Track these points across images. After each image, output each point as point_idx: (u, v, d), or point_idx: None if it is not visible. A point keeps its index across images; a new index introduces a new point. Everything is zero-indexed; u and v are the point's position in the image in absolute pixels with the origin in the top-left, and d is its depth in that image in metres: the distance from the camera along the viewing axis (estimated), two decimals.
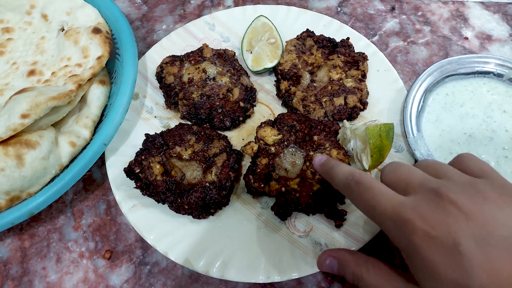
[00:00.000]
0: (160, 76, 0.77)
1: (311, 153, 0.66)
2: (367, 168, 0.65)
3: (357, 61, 0.75)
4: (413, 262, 0.40)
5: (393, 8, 0.76)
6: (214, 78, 0.75)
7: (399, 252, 0.45)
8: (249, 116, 0.76)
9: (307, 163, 0.65)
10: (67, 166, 0.69)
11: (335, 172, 0.51)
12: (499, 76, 0.73)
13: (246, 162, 0.71)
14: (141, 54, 0.83)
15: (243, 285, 0.64)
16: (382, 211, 0.42)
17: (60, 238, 0.70)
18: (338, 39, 0.78)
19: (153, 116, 0.77)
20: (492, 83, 0.73)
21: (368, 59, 0.76)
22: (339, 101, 0.71)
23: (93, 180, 0.74)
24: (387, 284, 0.44)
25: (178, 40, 0.84)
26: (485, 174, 0.43)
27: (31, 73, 0.74)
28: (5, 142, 0.64)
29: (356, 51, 0.77)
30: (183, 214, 0.65)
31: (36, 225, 0.71)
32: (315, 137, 0.67)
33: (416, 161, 0.67)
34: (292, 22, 0.84)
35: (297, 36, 0.79)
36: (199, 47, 0.79)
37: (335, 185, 0.52)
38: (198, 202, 0.63)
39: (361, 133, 0.65)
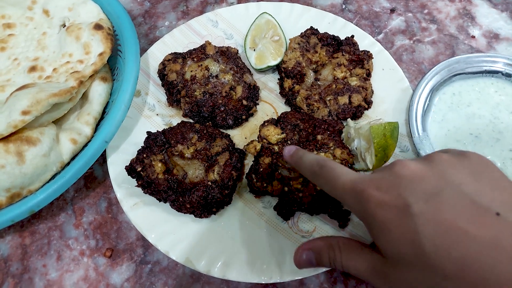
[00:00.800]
0: (162, 73, 0.76)
1: (315, 152, 0.65)
2: (371, 168, 0.64)
3: (362, 60, 0.74)
4: (372, 230, 0.42)
5: (392, 10, 0.75)
6: (217, 76, 0.74)
7: None
8: (252, 115, 0.75)
9: None
10: (68, 163, 0.68)
11: (303, 161, 0.53)
12: (507, 76, 0.72)
13: (249, 161, 0.70)
14: (143, 51, 0.82)
15: (245, 285, 0.63)
16: (342, 186, 0.44)
17: (61, 235, 0.69)
18: (342, 37, 0.77)
19: (155, 114, 0.76)
20: (500, 83, 0.72)
21: (373, 58, 0.75)
22: (344, 100, 0.70)
23: (94, 178, 0.74)
24: (357, 257, 0.45)
25: (180, 37, 0.83)
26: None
27: (32, 69, 0.73)
28: (5, 139, 0.63)
29: (361, 49, 0.76)
30: (184, 213, 0.65)
31: (36, 222, 0.71)
32: (319, 136, 0.66)
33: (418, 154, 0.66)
34: (296, 20, 0.83)
35: (301, 33, 0.78)
36: (201, 44, 0.79)
37: (303, 173, 0.54)
38: (200, 201, 0.62)
39: (365, 132, 0.64)
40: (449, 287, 0.35)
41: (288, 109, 0.76)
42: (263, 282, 0.59)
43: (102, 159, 0.74)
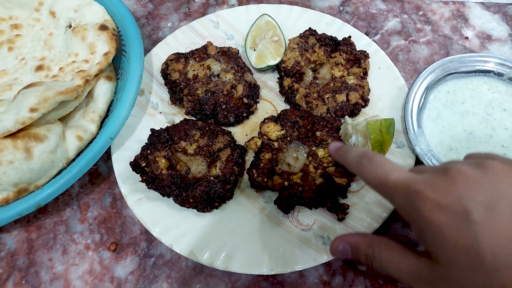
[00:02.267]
0: (165, 72, 0.78)
1: (314, 148, 0.68)
2: None
3: (359, 59, 0.76)
4: (424, 234, 0.40)
5: (345, 39, 0.78)
6: (218, 75, 0.76)
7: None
8: (252, 112, 0.77)
9: (310, 158, 0.67)
10: (74, 159, 0.70)
11: (349, 153, 0.54)
12: (499, 75, 0.74)
13: (250, 157, 0.72)
14: (146, 51, 0.85)
15: (246, 277, 0.65)
16: (393, 185, 0.43)
17: (66, 230, 0.71)
18: (340, 38, 0.80)
19: (158, 112, 0.78)
20: (492, 82, 0.74)
21: (369, 57, 0.77)
22: (341, 97, 0.72)
23: (99, 174, 0.76)
24: (400, 260, 0.44)
25: (183, 38, 0.85)
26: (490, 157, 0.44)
27: (39, 68, 0.75)
28: (14, 135, 0.65)
29: (358, 49, 0.79)
30: (188, 207, 0.67)
31: (43, 217, 0.72)
32: (318, 133, 0.68)
33: (416, 156, 0.69)
34: (295, 21, 0.86)
35: (300, 34, 0.80)
36: (203, 44, 0.81)
37: (348, 165, 0.54)
38: (203, 196, 0.64)
39: (362, 128, 0.66)
40: None
41: (287, 107, 0.78)
42: (264, 274, 0.61)
43: (106, 156, 0.76)
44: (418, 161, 0.68)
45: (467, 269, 0.37)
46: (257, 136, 0.70)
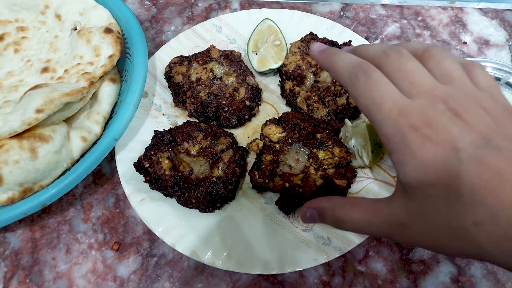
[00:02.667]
0: (168, 75, 0.79)
1: (314, 150, 0.69)
2: (367, 164, 0.67)
3: None
4: (404, 167, 0.38)
5: (345, 43, 0.79)
6: (221, 78, 0.77)
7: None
8: (254, 115, 0.79)
9: (311, 160, 0.68)
10: (78, 160, 0.71)
11: (340, 58, 0.45)
12: (496, 80, 0.76)
13: (251, 159, 0.74)
14: (150, 54, 0.86)
15: (247, 276, 0.66)
16: (387, 113, 0.40)
17: (70, 229, 0.72)
18: (340, 42, 0.81)
19: (161, 114, 0.79)
20: None
21: None
22: (342, 101, 0.74)
23: (103, 174, 0.77)
24: (372, 215, 0.42)
25: (186, 41, 0.86)
26: (489, 89, 0.41)
27: (45, 70, 0.76)
28: (19, 135, 0.66)
29: None
30: (190, 208, 0.68)
31: (46, 217, 0.73)
32: (318, 135, 0.70)
33: None
34: (296, 25, 0.87)
35: (301, 38, 0.82)
36: (206, 48, 0.82)
37: (337, 74, 0.45)
38: (205, 196, 0.65)
39: (361, 130, 0.67)
40: (476, 233, 0.34)
41: (289, 109, 0.79)
42: (265, 274, 0.62)
43: (110, 157, 0.77)
44: None
45: (443, 205, 0.36)
46: (259, 138, 0.71)
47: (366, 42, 0.83)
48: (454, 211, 0.36)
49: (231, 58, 0.80)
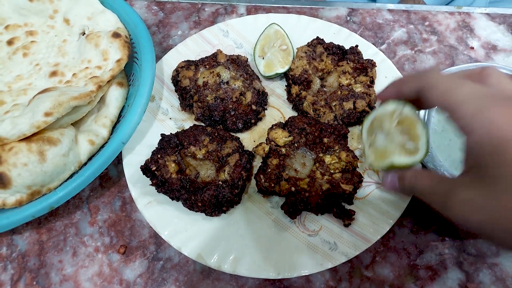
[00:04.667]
0: (176, 79, 0.80)
1: (321, 154, 0.69)
2: (368, 164, 0.63)
3: (365, 68, 0.77)
4: (483, 143, 0.41)
5: (352, 48, 0.80)
6: (227, 82, 0.78)
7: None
8: (260, 119, 0.79)
9: (317, 164, 0.68)
10: (85, 163, 0.72)
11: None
12: None
13: (257, 163, 0.74)
14: (157, 58, 0.86)
15: (253, 281, 0.66)
16: (466, 94, 0.44)
17: (77, 232, 0.72)
18: (347, 47, 0.81)
19: (168, 118, 0.80)
20: None
21: (376, 66, 0.79)
22: (348, 105, 0.73)
23: (109, 178, 0.77)
24: (435, 183, 0.49)
25: (193, 46, 0.87)
26: None
27: (53, 74, 0.77)
28: (28, 138, 0.67)
29: (364, 58, 0.80)
30: (196, 211, 0.68)
31: (53, 219, 0.74)
32: (325, 140, 0.69)
33: (423, 166, 0.69)
34: (302, 30, 0.88)
35: (308, 43, 0.82)
36: (213, 52, 0.83)
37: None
38: (211, 200, 0.65)
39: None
40: None
41: (295, 114, 0.79)
42: (271, 278, 0.62)
43: (117, 160, 0.78)
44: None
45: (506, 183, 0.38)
46: (265, 142, 0.72)
47: (373, 47, 0.83)
48: None
49: (238, 63, 0.81)
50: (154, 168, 0.68)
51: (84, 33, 0.83)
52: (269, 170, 0.68)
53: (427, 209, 0.70)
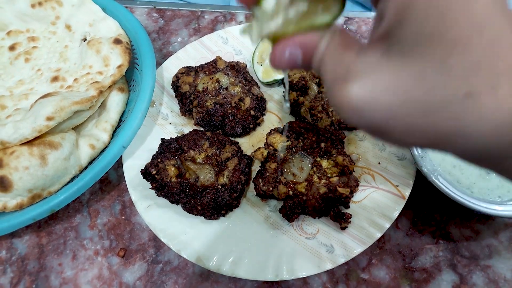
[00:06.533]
0: (176, 85, 0.81)
1: (318, 159, 0.70)
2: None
3: None
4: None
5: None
6: (227, 88, 0.79)
7: None
8: (259, 124, 0.80)
9: (314, 169, 0.69)
10: (86, 167, 0.73)
11: None
12: None
13: (256, 167, 0.75)
14: (157, 64, 0.87)
15: (252, 284, 0.67)
16: None
17: (76, 236, 0.73)
18: None
19: (168, 123, 0.81)
20: None
21: None
22: None
23: (109, 182, 0.78)
24: (342, 51, 0.31)
25: (193, 52, 0.89)
26: None
27: (55, 79, 0.78)
28: (30, 142, 0.68)
29: None
30: (195, 215, 0.69)
31: (53, 223, 0.74)
32: (322, 144, 0.71)
33: (418, 169, 0.71)
34: None
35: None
36: (213, 59, 0.84)
37: None
38: (211, 204, 0.67)
39: None
40: (463, 108, 0.24)
41: (293, 119, 0.81)
42: (269, 280, 0.63)
43: (117, 164, 0.79)
44: (419, 174, 0.70)
45: (435, 67, 0.25)
46: (263, 146, 0.73)
47: None
48: (446, 78, 0.25)
49: (237, 69, 0.82)
50: (154, 172, 0.69)
51: (86, 39, 0.84)
52: (268, 174, 0.69)
53: (422, 212, 0.72)
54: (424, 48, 0.26)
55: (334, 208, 0.66)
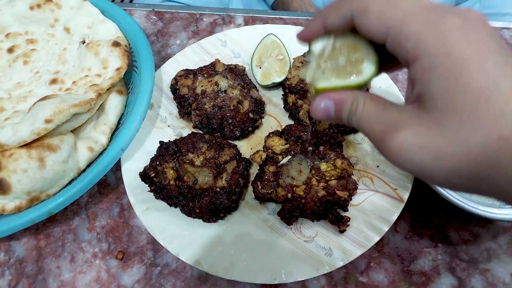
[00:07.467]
0: (174, 87, 0.81)
1: (317, 162, 0.70)
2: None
3: None
4: (435, 66, 0.33)
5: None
6: (225, 91, 0.79)
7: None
8: (257, 127, 0.80)
9: (313, 172, 0.69)
10: (84, 170, 0.72)
11: None
12: None
13: (254, 170, 0.75)
14: (156, 67, 0.88)
15: (250, 287, 0.67)
16: (408, 8, 0.36)
17: (75, 238, 0.73)
18: None
19: (167, 125, 0.81)
20: None
21: None
22: None
23: (108, 184, 0.78)
24: (382, 110, 0.38)
25: (192, 55, 0.89)
26: None
27: (53, 81, 0.78)
28: (28, 145, 0.67)
29: None
30: (194, 217, 0.69)
31: (51, 225, 0.74)
32: (321, 147, 0.71)
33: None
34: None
35: (304, 53, 0.84)
36: (211, 62, 0.84)
37: None
38: (209, 206, 0.66)
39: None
40: (497, 149, 0.31)
41: (291, 122, 0.81)
42: (267, 283, 0.63)
43: (115, 167, 0.79)
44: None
45: (468, 116, 0.31)
46: (262, 149, 0.73)
47: None
48: (476, 124, 0.31)
49: (236, 72, 0.82)
50: (152, 175, 0.69)
51: (84, 42, 0.84)
52: (266, 177, 0.69)
53: (421, 215, 0.72)
54: (452, 103, 0.32)
55: (332, 211, 0.66)
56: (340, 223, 0.66)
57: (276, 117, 0.83)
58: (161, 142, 0.73)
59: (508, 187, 0.32)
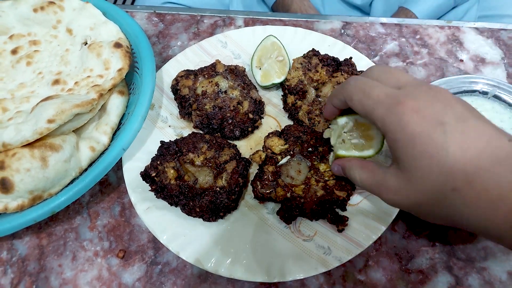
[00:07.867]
0: (175, 88, 0.82)
1: (316, 162, 0.71)
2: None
3: None
4: (397, 143, 0.47)
5: (346, 60, 0.83)
6: (225, 91, 0.80)
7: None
8: (257, 127, 0.81)
9: (312, 172, 0.70)
10: (86, 169, 0.73)
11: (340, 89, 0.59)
12: (484, 94, 0.78)
13: (254, 170, 0.76)
14: (157, 67, 0.88)
15: (249, 285, 0.68)
16: (376, 97, 0.49)
17: (76, 237, 0.74)
18: (341, 59, 0.84)
19: (168, 125, 0.82)
20: (479, 101, 0.79)
21: None
22: None
23: (109, 184, 0.79)
24: (371, 175, 0.55)
25: (192, 56, 0.90)
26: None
27: (56, 82, 0.79)
28: (31, 144, 0.68)
29: (358, 69, 0.83)
30: (194, 216, 0.70)
31: (53, 224, 0.75)
32: (320, 148, 0.72)
33: None
34: (299, 42, 0.91)
35: (304, 55, 0.85)
36: (212, 62, 0.85)
37: (337, 95, 0.60)
38: (209, 206, 0.67)
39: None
40: (454, 198, 0.43)
41: (291, 123, 0.82)
42: (267, 282, 0.64)
43: (116, 166, 0.79)
44: None
45: (428, 175, 0.44)
46: (262, 149, 0.74)
47: (366, 58, 0.86)
48: (436, 180, 0.43)
49: (236, 73, 0.83)
50: (153, 174, 0.70)
51: (86, 43, 0.85)
52: (265, 176, 0.70)
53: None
54: (413, 165, 0.46)
55: (331, 210, 0.67)
56: (339, 223, 0.66)
57: (275, 117, 0.84)
58: (162, 142, 0.74)
59: (451, 213, 0.46)
